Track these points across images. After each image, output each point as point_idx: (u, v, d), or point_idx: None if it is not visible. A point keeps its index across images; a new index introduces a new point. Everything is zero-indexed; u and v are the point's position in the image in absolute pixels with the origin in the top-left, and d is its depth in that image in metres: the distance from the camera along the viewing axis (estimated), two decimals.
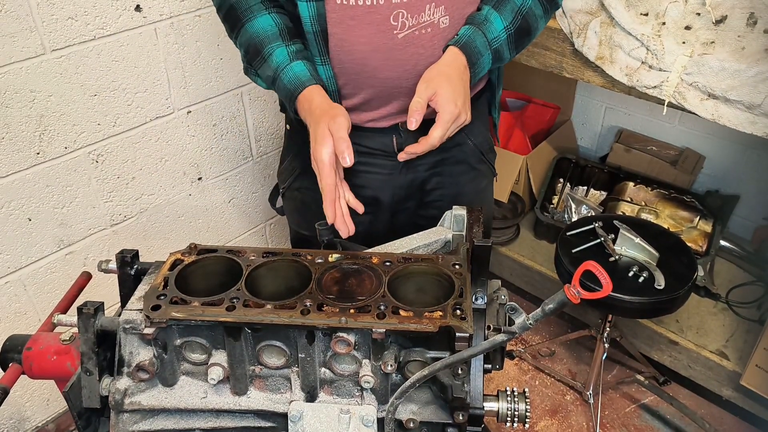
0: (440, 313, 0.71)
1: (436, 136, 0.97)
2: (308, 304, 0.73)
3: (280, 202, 1.37)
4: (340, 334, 0.71)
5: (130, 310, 0.74)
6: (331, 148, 0.93)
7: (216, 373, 0.74)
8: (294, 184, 1.28)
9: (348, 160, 0.92)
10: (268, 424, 0.77)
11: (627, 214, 2.22)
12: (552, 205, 2.42)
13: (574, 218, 2.28)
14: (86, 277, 1.12)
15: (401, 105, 1.11)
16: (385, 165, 1.19)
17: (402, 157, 1.03)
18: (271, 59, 1.04)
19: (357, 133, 1.10)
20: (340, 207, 0.96)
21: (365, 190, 1.22)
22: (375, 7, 1.00)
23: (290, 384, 0.76)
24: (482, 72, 1.06)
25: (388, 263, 0.80)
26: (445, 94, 0.97)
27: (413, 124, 0.95)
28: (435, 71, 1.00)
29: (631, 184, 2.29)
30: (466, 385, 0.71)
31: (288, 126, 1.29)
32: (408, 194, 1.24)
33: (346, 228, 0.96)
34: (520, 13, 1.06)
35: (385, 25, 1.01)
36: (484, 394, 0.73)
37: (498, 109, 1.29)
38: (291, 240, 1.44)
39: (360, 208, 0.99)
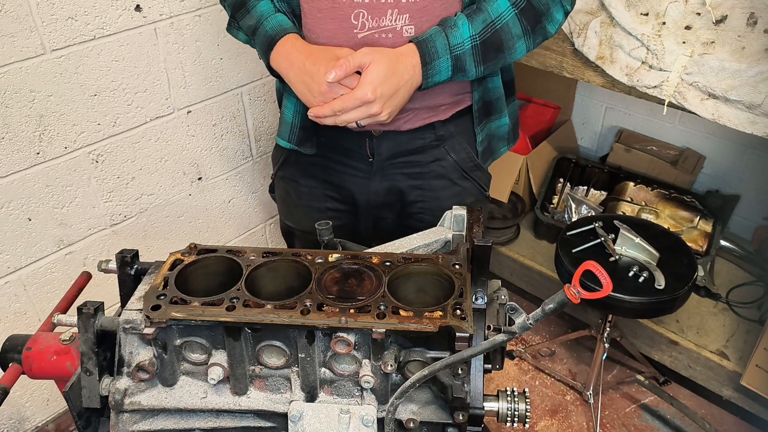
0: (440, 313, 0.71)
1: (336, 105, 0.95)
2: (308, 304, 0.73)
3: None
4: (340, 334, 0.71)
5: (130, 310, 0.74)
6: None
7: (216, 373, 0.74)
8: (279, 172, 1.29)
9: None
10: (268, 424, 0.77)
11: (627, 214, 2.22)
12: (552, 205, 2.42)
13: (574, 218, 2.28)
14: (86, 277, 1.12)
15: None
16: (359, 167, 1.19)
17: (310, 114, 1.00)
18: (255, 9, 1.07)
19: (333, 130, 1.10)
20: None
21: (342, 190, 1.22)
22: (338, 3, 1.01)
23: (290, 384, 0.76)
24: (438, 76, 1.01)
25: (388, 263, 0.80)
26: (373, 74, 0.94)
27: (331, 74, 0.94)
28: (388, 51, 0.98)
29: (632, 184, 2.29)
30: (466, 385, 0.71)
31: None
32: (386, 202, 1.23)
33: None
34: (492, 27, 1.02)
35: (347, 23, 1.02)
36: (484, 394, 0.73)
37: (491, 137, 1.24)
38: (280, 228, 1.44)
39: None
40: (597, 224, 1.80)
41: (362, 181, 1.20)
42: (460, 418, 0.71)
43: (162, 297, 0.74)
